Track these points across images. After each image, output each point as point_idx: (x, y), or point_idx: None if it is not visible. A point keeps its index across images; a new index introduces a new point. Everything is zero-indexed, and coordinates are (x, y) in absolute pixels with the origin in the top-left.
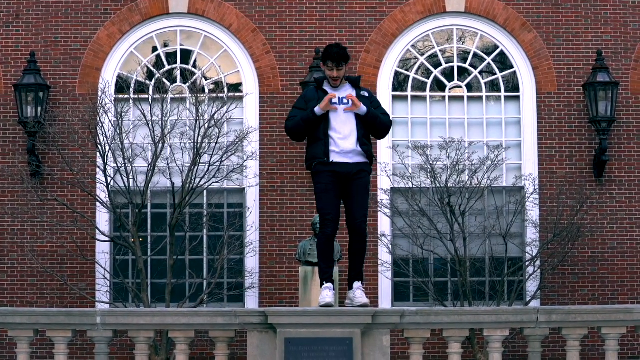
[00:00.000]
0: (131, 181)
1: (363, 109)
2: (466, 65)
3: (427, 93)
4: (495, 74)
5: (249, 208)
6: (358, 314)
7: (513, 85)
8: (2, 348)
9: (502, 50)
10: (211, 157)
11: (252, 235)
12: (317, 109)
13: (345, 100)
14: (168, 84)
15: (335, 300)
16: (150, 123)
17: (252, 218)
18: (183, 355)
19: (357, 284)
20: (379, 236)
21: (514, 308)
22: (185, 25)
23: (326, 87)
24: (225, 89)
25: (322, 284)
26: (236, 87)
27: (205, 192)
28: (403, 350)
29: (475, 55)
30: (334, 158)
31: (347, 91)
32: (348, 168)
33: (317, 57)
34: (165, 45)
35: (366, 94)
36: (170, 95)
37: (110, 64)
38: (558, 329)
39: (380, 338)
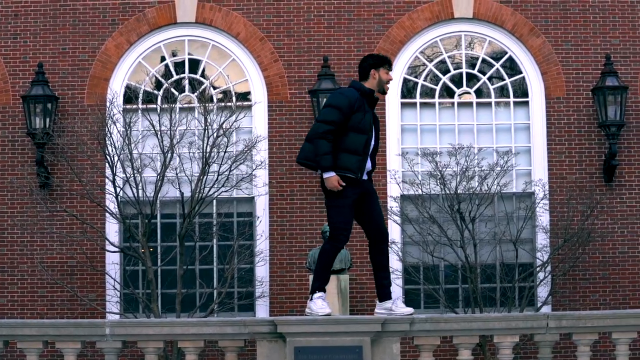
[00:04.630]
0: (140, 191)
1: None
2: (475, 72)
3: (436, 100)
4: (504, 79)
5: (258, 217)
6: (367, 322)
7: (522, 91)
8: None
9: (510, 56)
10: (220, 167)
11: (262, 244)
12: (325, 175)
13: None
14: (176, 93)
15: (346, 307)
16: (159, 133)
17: (262, 227)
18: None
19: (394, 294)
20: (389, 243)
21: (523, 314)
22: (193, 35)
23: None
24: (234, 98)
25: (313, 292)
26: (244, 96)
27: (214, 201)
28: (413, 357)
29: (483, 61)
30: (363, 176)
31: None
32: (365, 184)
33: (326, 65)
34: (174, 55)
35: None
36: (178, 105)
37: (119, 75)
38: (568, 334)
39: (390, 346)
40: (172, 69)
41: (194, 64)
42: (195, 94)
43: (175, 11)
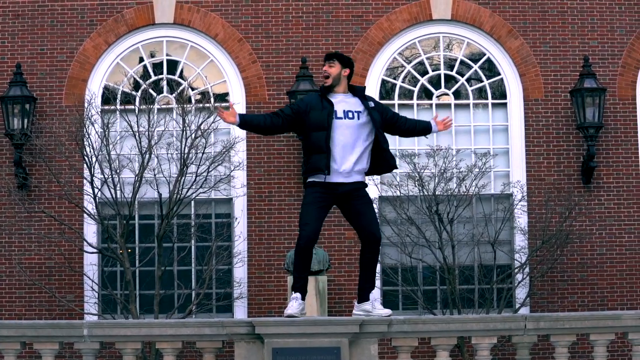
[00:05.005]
0: (118, 192)
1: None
2: (453, 73)
3: (414, 101)
4: (482, 81)
5: (236, 218)
6: (345, 323)
7: (500, 92)
8: None
9: (489, 58)
10: (198, 168)
11: (240, 245)
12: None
13: (350, 115)
14: (154, 94)
15: (324, 308)
16: (137, 134)
17: (240, 228)
18: None
19: (373, 296)
20: None
21: (501, 316)
22: (171, 36)
23: (331, 97)
24: (212, 99)
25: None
26: (223, 97)
27: (192, 202)
28: (391, 358)
29: (462, 62)
30: (333, 177)
31: (352, 103)
32: (344, 188)
33: (304, 66)
34: (152, 56)
35: (372, 104)
36: (156, 106)
37: (97, 75)
38: (546, 336)
39: (368, 347)
40: (150, 69)
41: (172, 65)
42: (174, 94)
43: (154, 12)
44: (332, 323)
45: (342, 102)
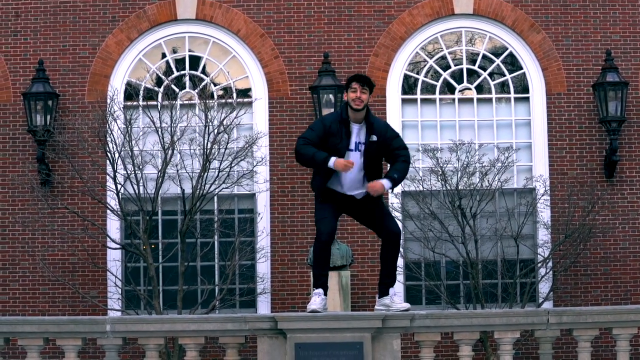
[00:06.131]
0: (141, 188)
1: (387, 186)
2: (475, 67)
3: (437, 96)
4: (505, 75)
5: (259, 213)
6: (368, 318)
7: (522, 87)
8: (15, 357)
9: (511, 52)
10: (221, 163)
11: (263, 240)
12: (331, 163)
13: (359, 147)
14: (177, 90)
15: (347, 304)
16: (160, 130)
17: (263, 223)
18: None
19: (392, 290)
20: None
21: (524, 310)
22: (193, 32)
23: (353, 126)
24: (234, 95)
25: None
26: (245, 93)
27: (215, 198)
28: (415, 353)
29: (484, 57)
30: (338, 191)
31: (363, 133)
32: (353, 199)
33: (326, 61)
34: (174, 52)
35: (374, 138)
36: (179, 102)
37: (119, 71)
38: (569, 330)
39: (391, 342)
40: (172, 65)
41: (195, 61)
42: (196, 90)
43: (176, 8)
44: (355, 318)
45: (357, 133)
